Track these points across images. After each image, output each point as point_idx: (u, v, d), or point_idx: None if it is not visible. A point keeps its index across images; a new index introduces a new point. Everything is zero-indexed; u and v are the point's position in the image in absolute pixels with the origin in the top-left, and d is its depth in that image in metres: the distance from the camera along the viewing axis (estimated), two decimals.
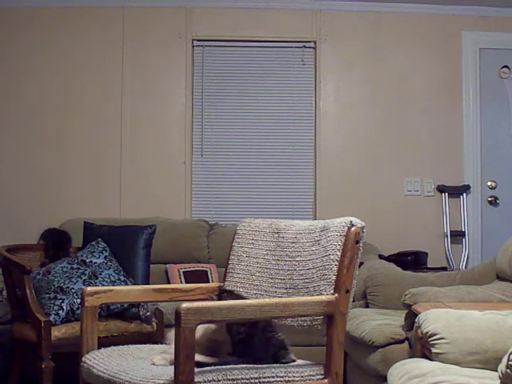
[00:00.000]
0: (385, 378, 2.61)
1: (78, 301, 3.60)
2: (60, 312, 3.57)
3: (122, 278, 3.86)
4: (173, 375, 1.95)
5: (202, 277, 4.62)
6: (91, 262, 3.86)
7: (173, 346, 2.00)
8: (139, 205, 5.19)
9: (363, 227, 2.31)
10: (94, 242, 4.02)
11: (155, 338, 3.69)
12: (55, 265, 3.85)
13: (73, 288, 3.68)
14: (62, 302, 3.60)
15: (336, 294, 2.24)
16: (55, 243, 4.17)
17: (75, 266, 3.83)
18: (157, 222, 4.59)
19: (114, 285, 3.75)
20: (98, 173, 5.24)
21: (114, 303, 3.50)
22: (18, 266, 3.65)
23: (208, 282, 4.55)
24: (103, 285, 3.72)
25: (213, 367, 2.09)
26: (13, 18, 5.24)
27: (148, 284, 4.10)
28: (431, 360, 2.48)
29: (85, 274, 3.78)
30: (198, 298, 2.62)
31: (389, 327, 3.25)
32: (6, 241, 4.19)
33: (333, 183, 5.32)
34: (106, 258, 3.93)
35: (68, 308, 3.59)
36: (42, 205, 5.12)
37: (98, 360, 2.30)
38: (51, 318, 3.51)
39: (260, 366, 2.14)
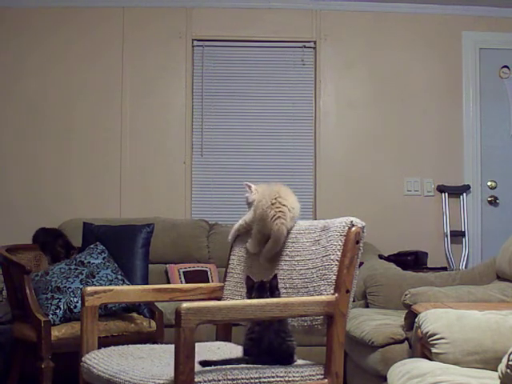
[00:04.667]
0: (385, 378, 2.60)
1: (76, 299, 3.60)
2: (57, 311, 3.56)
3: (120, 277, 3.86)
4: (173, 375, 1.95)
5: (202, 277, 4.62)
6: (89, 262, 3.86)
7: None
8: (139, 205, 5.19)
9: (363, 227, 2.31)
10: (92, 245, 4.02)
11: (155, 338, 3.70)
12: (53, 266, 3.86)
13: (70, 287, 3.67)
14: (59, 302, 3.60)
15: (336, 294, 2.24)
16: (51, 241, 4.19)
17: (73, 266, 3.83)
18: (157, 221, 4.59)
19: (111, 284, 3.74)
20: (97, 173, 5.24)
21: (113, 303, 3.49)
22: (18, 265, 3.65)
23: (208, 281, 4.55)
24: (100, 284, 3.71)
25: (213, 367, 2.09)
26: (13, 18, 5.23)
27: (147, 283, 4.11)
28: (431, 360, 2.48)
29: (82, 274, 3.78)
30: (198, 298, 2.62)
31: (389, 327, 3.25)
32: (6, 241, 4.19)
33: (333, 183, 5.32)
34: (104, 258, 3.93)
35: (65, 307, 3.59)
36: (41, 205, 5.12)
37: (97, 360, 2.30)
38: (49, 318, 3.51)
39: (260, 365, 2.14)
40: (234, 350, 2.39)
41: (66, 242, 4.28)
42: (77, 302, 3.58)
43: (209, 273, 4.68)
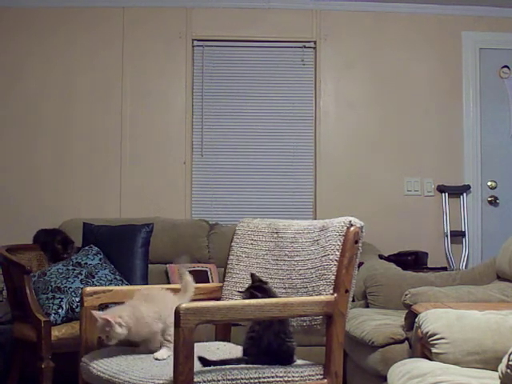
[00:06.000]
0: (385, 378, 2.60)
1: (77, 299, 3.61)
2: (60, 311, 3.58)
3: (118, 277, 3.88)
4: (172, 375, 1.95)
5: (202, 277, 4.62)
6: (86, 263, 3.88)
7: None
8: (139, 205, 5.19)
9: (362, 227, 2.31)
10: (87, 247, 4.03)
11: None
12: (50, 267, 3.87)
13: (71, 287, 3.69)
14: (61, 301, 3.61)
15: (335, 294, 2.24)
16: (51, 240, 4.20)
17: (70, 267, 3.85)
18: (156, 221, 4.59)
19: (110, 284, 3.76)
20: (97, 173, 5.24)
21: (113, 303, 3.49)
22: (18, 265, 3.65)
23: (208, 281, 4.55)
24: (100, 284, 3.74)
25: (212, 367, 2.09)
26: (13, 18, 5.23)
27: (146, 283, 4.11)
28: (431, 360, 2.48)
29: (81, 274, 3.79)
30: (197, 298, 2.62)
31: (389, 327, 3.25)
32: (6, 241, 4.18)
33: (333, 183, 5.32)
34: (100, 259, 3.95)
35: (67, 306, 3.60)
36: (42, 205, 5.12)
37: (97, 360, 2.30)
38: (51, 318, 3.52)
39: (260, 365, 2.14)
40: (234, 350, 2.39)
41: (64, 238, 4.27)
42: (78, 302, 3.59)
43: (209, 273, 4.68)
